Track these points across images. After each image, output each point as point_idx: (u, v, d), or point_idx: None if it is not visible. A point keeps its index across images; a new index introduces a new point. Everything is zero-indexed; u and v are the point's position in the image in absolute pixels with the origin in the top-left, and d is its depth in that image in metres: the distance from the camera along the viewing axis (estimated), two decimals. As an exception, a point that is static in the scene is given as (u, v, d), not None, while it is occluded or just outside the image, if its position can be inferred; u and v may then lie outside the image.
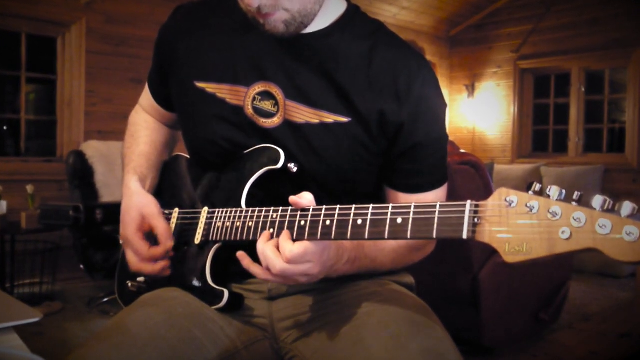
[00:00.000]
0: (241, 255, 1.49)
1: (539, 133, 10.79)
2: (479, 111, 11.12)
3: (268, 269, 1.42)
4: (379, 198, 1.77)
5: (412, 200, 1.62)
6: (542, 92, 10.72)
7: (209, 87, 1.71)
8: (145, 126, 2.01)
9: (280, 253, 1.40)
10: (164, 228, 1.71)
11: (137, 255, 1.72)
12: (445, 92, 11.48)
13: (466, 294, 4.18)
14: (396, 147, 1.63)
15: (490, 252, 4.16)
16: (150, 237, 1.73)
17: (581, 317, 5.63)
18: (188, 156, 1.91)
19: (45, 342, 4.56)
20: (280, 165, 1.60)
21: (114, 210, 1.79)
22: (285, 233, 1.43)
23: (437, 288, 4.22)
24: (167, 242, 1.70)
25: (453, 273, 4.23)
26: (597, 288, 6.91)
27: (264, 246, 1.43)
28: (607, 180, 9.12)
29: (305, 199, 1.43)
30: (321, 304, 1.67)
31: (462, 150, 4.48)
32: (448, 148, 1.74)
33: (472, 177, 4.13)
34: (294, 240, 1.41)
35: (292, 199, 1.43)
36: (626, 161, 9.26)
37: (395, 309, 1.53)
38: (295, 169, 1.61)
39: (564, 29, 9.97)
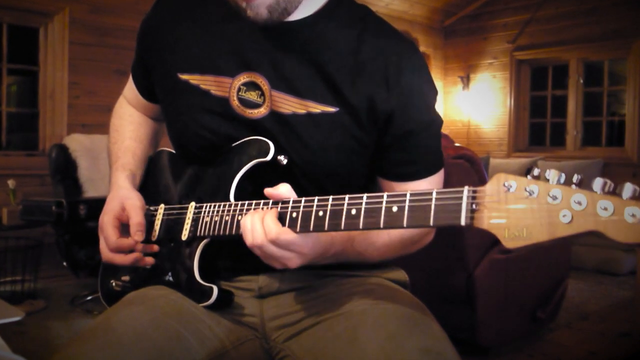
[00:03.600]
0: None
1: (536, 126, 10.79)
2: (474, 104, 11.11)
3: (252, 237, 1.43)
4: (370, 190, 1.77)
5: (407, 189, 1.62)
6: (539, 84, 10.72)
7: (193, 79, 1.72)
8: (130, 120, 2.02)
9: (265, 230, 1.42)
10: (137, 221, 1.73)
11: (107, 244, 1.73)
12: (439, 84, 11.52)
13: (461, 292, 4.19)
14: (387, 136, 1.64)
15: (485, 249, 4.17)
16: (128, 230, 1.74)
17: (579, 315, 5.64)
18: (173, 151, 1.91)
19: (27, 341, 4.55)
20: (269, 157, 1.60)
21: (98, 206, 1.78)
22: (272, 212, 1.43)
23: (431, 286, 4.22)
24: (135, 234, 1.71)
25: (447, 271, 4.24)
26: (595, 286, 6.93)
27: (252, 217, 1.44)
28: (606, 174, 9.10)
29: (281, 190, 1.44)
30: (313, 302, 1.67)
31: (456, 144, 4.49)
32: (442, 142, 1.74)
33: (467, 172, 4.14)
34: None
35: (267, 191, 1.45)
36: (626, 155, 9.27)
37: (390, 306, 1.53)
38: (285, 161, 1.62)
39: (562, 19, 9.97)
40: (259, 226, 1.42)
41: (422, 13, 11.00)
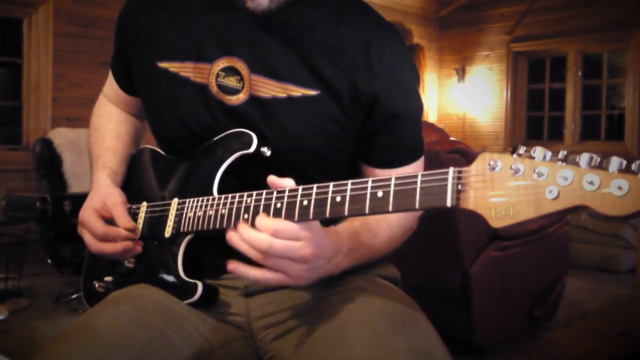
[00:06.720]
0: (232, 266, 1.43)
1: (534, 120, 10.82)
2: (470, 97, 11.13)
3: (260, 251, 1.37)
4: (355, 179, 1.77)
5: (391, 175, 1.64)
6: (537, 76, 10.74)
7: (172, 67, 1.73)
8: (110, 119, 2.02)
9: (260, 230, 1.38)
10: (122, 213, 1.71)
11: (93, 235, 1.71)
12: (434, 76, 11.52)
13: (456, 290, 4.18)
14: (372, 121, 1.66)
15: (482, 246, 4.17)
16: (110, 225, 1.73)
17: (578, 314, 5.64)
18: (155, 148, 1.91)
19: (10, 340, 4.54)
20: (252, 149, 1.61)
21: (83, 202, 1.77)
22: (261, 214, 1.40)
23: (425, 284, 4.22)
24: (126, 223, 1.68)
25: (442, 268, 4.24)
26: (594, 284, 6.93)
27: (240, 228, 1.41)
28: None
29: (286, 182, 1.41)
30: (301, 300, 1.67)
31: (451, 138, 4.47)
32: (437, 136, 1.75)
33: (462, 167, 4.13)
34: None
35: (272, 179, 1.41)
36: (625, 149, 9.29)
37: (380, 305, 1.53)
38: (268, 153, 1.62)
39: (560, 10, 9.97)
40: (252, 233, 1.38)
41: (416, 3, 11.00)
